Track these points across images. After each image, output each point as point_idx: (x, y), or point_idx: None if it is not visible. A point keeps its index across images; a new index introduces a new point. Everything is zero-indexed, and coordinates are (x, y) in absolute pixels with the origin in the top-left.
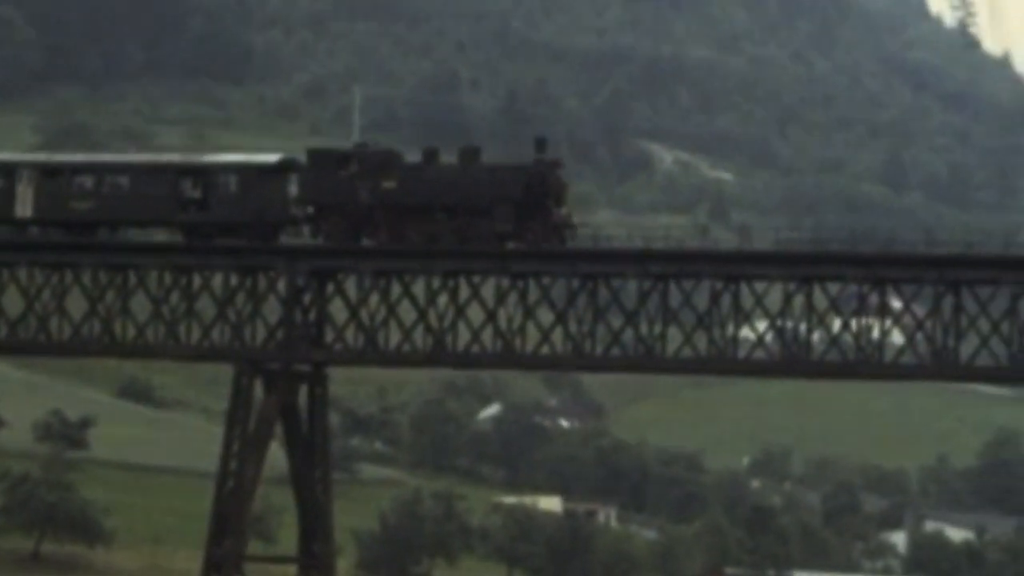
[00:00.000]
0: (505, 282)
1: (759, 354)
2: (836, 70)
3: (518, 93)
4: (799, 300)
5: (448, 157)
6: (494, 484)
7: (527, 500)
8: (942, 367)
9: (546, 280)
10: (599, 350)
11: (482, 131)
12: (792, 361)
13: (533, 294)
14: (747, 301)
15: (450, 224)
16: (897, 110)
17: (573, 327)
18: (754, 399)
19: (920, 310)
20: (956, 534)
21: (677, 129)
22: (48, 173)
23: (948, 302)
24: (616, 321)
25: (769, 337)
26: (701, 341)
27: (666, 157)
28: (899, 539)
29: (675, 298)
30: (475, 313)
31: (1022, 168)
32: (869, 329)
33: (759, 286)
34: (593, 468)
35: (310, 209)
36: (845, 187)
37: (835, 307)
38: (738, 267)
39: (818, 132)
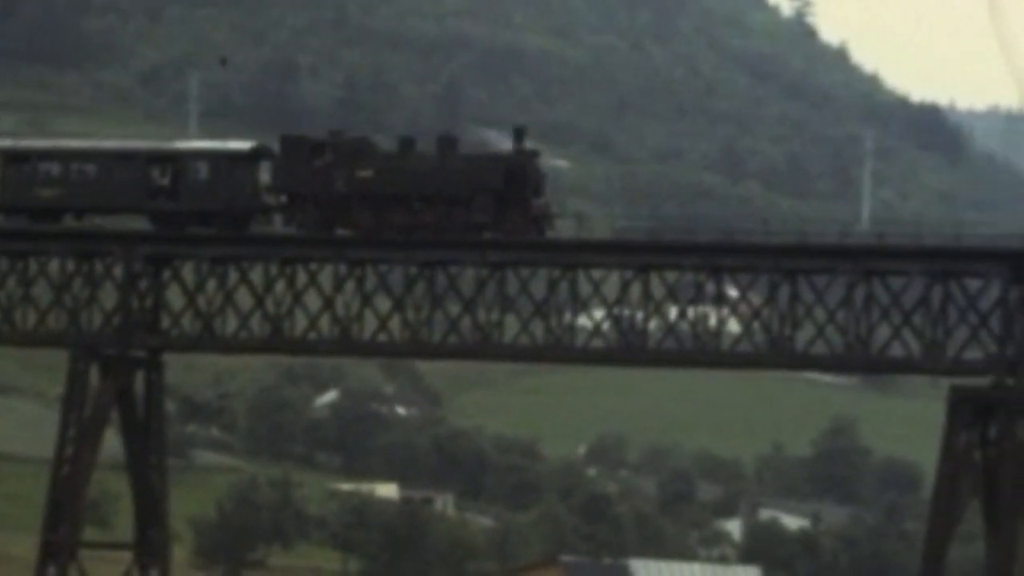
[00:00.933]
0: (343, 269)
1: (596, 342)
2: (674, 59)
3: (356, 80)
4: (636, 288)
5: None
6: (330, 471)
7: (364, 487)
8: (778, 355)
9: (383, 267)
10: (436, 337)
11: (320, 118)
12: (629, 349)
13: (370, 281)
14: (584, 289)
15: (428, 214)
16: (734, 100)
17: (411, 314)
18: (591, 387)
19: (756, 299)
20: (791, 522)
21: (514, 117)
22: (13, 159)
23: (784, 291)
24: (454, 309)
25: (606, 325)
26: (538, 329)
27: (503, 145)
28: (734, 527)
29: (512, 286)
30: (312, 300)
31: (858, 158)
32: (705, 317)
33: (596, 274)
34: (430, 455)
35: (283, 198)
36: (682, 176)
37: (672, 295)
38: (575, 255)
39: (655, 121)
